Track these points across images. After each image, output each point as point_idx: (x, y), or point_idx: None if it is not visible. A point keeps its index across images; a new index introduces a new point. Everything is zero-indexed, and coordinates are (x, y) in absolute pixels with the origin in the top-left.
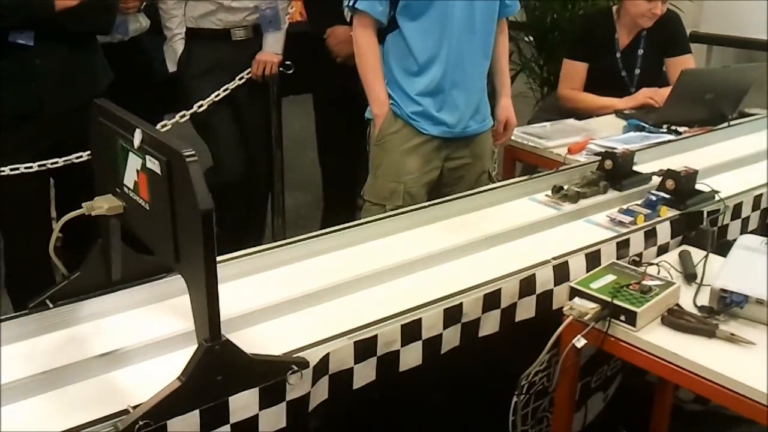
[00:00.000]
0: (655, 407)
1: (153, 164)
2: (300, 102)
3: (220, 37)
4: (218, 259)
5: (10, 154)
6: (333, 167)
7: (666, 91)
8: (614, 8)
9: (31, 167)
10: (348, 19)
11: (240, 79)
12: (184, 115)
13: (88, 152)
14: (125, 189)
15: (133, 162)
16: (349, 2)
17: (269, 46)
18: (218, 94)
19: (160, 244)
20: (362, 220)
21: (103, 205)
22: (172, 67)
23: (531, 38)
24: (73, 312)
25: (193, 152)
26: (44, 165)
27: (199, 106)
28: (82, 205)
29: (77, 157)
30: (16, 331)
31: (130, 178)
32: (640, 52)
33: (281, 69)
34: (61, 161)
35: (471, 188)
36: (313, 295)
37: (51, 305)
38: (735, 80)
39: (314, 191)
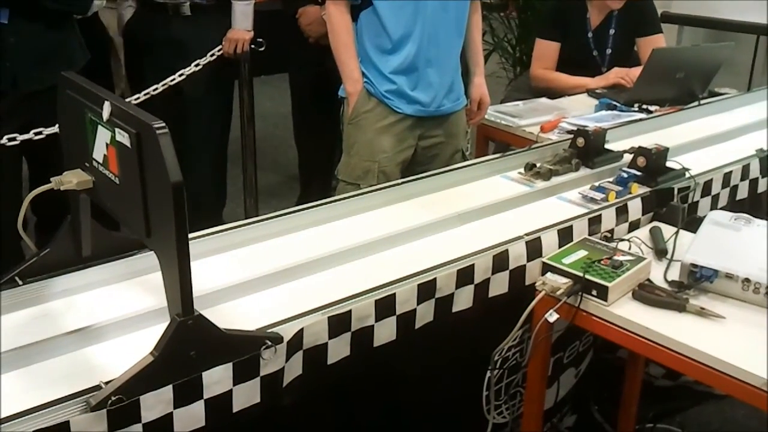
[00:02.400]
0: (625, 383)
1: (122, 137)
2: (272, 82)
3: (168, 10)
4: (191, 235)
5: None
6: (308, 147)
7: (637, 71)
8: None
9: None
10: None
11: (211, 56)
12: (156, 89)
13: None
14: (94, 163)
15: (103, 135)
16: None
17: (238, 23)
18: (190, 69)
19: (131, 219)
20: (336, 197)
21: (72, 179)
22: (118, 31)
23: (502, 15)
24: (43, 289)
25: (163, 124)
26: (14, 138)
27: (172, 80)
28: (51, 180)
29: (47, 131)
30: None
31: (99, 151)
32: (612, 32)
33: (252, 46)
34: (30, 134)
35: (445, 167)
36: (287, 271)
37: (20, 282)
38: (705, 59)
39: (285, 171)
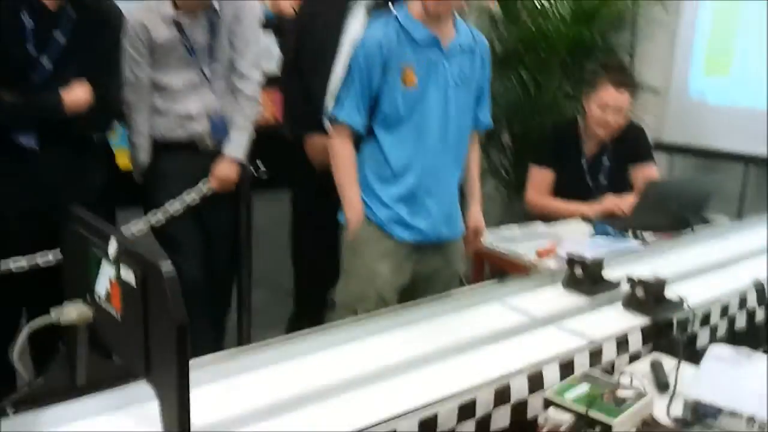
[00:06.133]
0: None
1: (128, 275)
2: (267, 195)
3: (186, 147)
4: None
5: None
6: (305, 266)
7: (630, 199)
8: (580, 120)
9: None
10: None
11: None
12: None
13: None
14: (96, 297)
15: (106, 271)
16: (328, 112)
17: (228, 150)
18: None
19: (130, 355)
20: (332, 323)
21: (72, 313)
22: (138, 179)
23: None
24: (36, 419)
25: (171, 265)
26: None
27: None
28: (50, 311)
29: (45, 261)
30: None
31: (102, 286)
32: (606, 162)
33: (255, 174)
34: (39, 260)
35: (442, 292)
36: (287, 403)
37: (11, 412)
38: (696, 191)
39: (274, 288)
